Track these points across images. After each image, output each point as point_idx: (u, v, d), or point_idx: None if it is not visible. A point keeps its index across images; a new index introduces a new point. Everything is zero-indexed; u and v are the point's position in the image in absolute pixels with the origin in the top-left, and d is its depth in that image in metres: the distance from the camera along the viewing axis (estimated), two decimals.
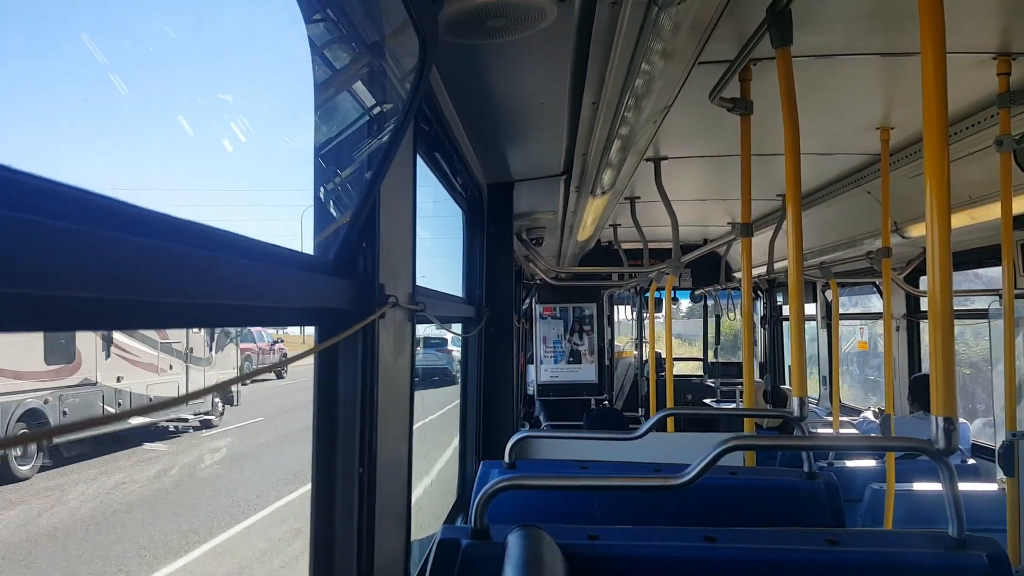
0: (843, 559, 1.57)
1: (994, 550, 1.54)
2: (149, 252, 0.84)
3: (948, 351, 1.67)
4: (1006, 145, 3.05)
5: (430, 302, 2.12)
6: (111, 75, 7.77)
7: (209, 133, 9.27)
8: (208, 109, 11.51)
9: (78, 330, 0.75)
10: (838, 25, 2.63)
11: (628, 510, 2.36)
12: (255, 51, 2.93)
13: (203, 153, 13.10)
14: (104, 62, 3.00)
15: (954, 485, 1.57)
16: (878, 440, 4.14)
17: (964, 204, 3.90)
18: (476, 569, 1.62)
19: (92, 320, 0.81)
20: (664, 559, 1.60)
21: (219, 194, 25.17)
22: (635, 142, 3.11)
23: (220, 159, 21.37)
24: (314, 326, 1.46)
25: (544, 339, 9.91)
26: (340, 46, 1.70)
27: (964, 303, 6.07)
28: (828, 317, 7.59)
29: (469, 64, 2.21)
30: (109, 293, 0.77)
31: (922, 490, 3.98)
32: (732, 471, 2.48)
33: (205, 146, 8.94)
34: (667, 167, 4.59)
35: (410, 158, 1.91)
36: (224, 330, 18.38)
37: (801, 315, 2.56)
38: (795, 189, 2.42)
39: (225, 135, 2.84)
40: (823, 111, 3.60)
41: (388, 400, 1.68)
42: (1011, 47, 2.82)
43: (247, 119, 2.67)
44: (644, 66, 2.24)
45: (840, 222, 5.67)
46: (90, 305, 0.77)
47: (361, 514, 1.54)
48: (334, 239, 1.54)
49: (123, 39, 2.98)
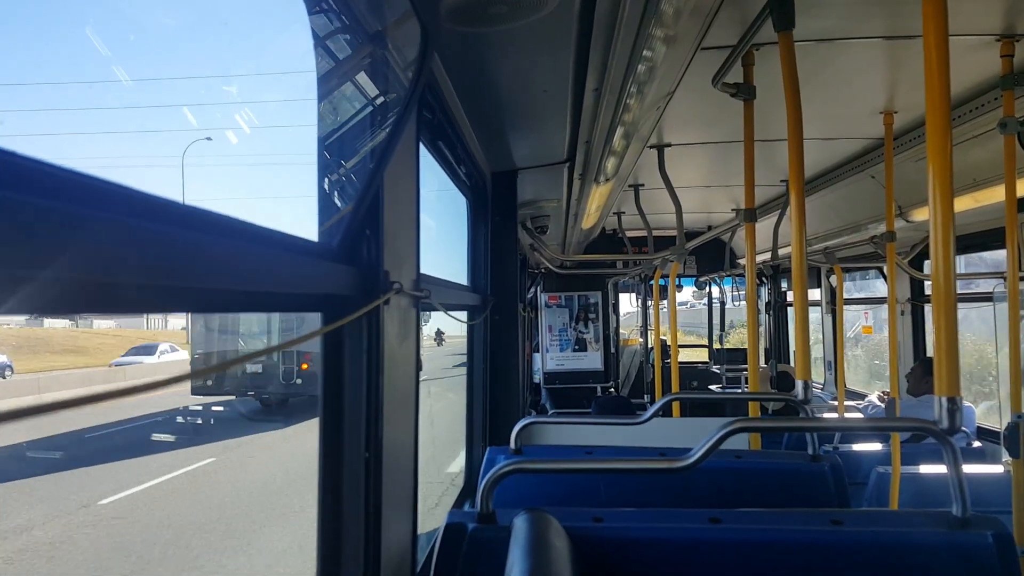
0: (848, 539, 1.58)
1: (999, 529, 1.56)
2: (155, 236, 0.85)
3: (951, 333, 1.68)
4: (1010, 127, 3.04)
5: (435, 289, 2.13)
6: (114, 67, 7.79)
7: (214, 123, 9.34)
8: (213, 100, 11.58)
9: (87, 312, 0.78)
10: (840, 9, 2.62)
11: (634, 494, 2.37)
12: (259, 41, 2.91)
13: (208, 144, 13.19)
14: (107, 54, 2.96)
15: (958, 464, 1.58)
16: (881, 422, 4.16)
17: (968, 187, 3.89)
18: (483, 552, 1.64)
19: (100, 303, 0.82)
20: (669, 540, 1.62)
21: (224, 182, 25.22)
22: (638, 129, 3.11)
23: (225, 149, 21.35)
24: (319, 312, 1.48)
25: (550, 327, 9.93)
26: (342, 35, 1.71)
27: (969, 287, 6.07)
28: (833, 302, 7.59)
29: (471, 52, 2.22)
30: (116, 276, 0.79)
31: (928, 473, 3.99)
32: (737, 454, 2.50)
33: (210, 136, 9.00)
34: (671, 154, 4.59)
35: (413, 146, 1.92)
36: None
37: (805, 300, 2.57)
38: (798, 174, 2.43)
39: (229, 124, 2.82)
40: (826, 96, 3.60)
41: (394, 386, 1.69)
42: (1015, 28, 2.81)
43: (251, 109, 2.65)
44: (646, 52, 2.24)
45: (844, 207, 5.66)
46: (97, 288, 0.78)
47: (368, 499, 1.56)
48: (338, 227, 1.55)
49: (127, 33, 2.96)
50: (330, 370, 1.56)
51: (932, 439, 1.69)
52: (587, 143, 3.51)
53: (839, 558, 1.57)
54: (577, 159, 3.80)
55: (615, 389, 10.17)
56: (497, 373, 3.96)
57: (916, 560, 1.54)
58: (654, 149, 4.48)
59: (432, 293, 2.02)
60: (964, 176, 3.86)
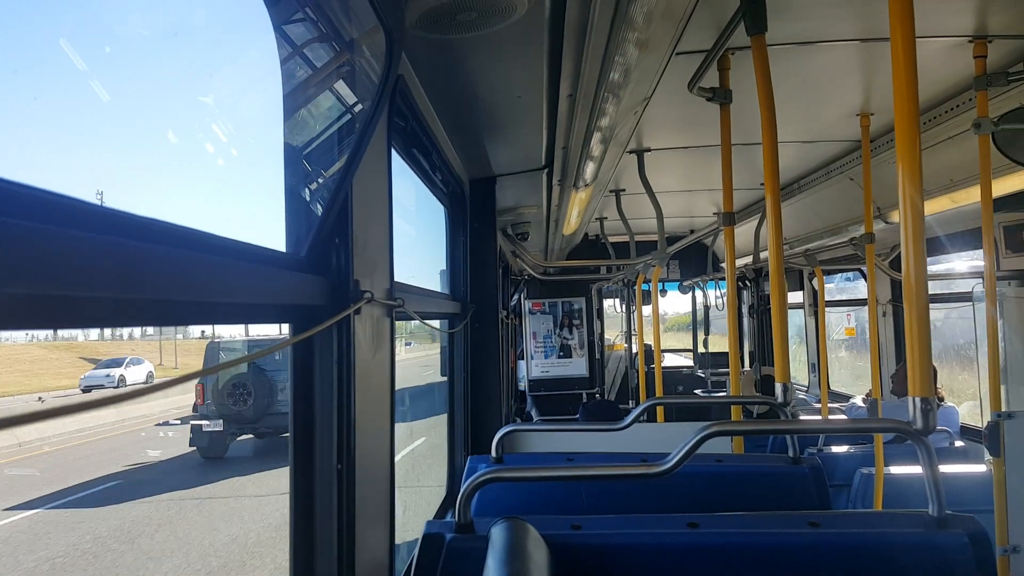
0: (824, 541, 1.58)
1: (974, 528, 1.55)
2: (119, 250, 0.84)
3: (924, 334, 1.68)
4: (984, 127, 3.06)
5: (410, 298, 2.11)
6: (87, 79, 7.71)
7: (179, 130, 9.18)
8: (180, 109, 11.42)
9: (49, 328, 0.76)
10: (813, 11, 2.63)
11: (615, 501, 2.36)
12: (224, 47, 2.82)
13: (173, 152, 13.01)
14: (83, 68, 2.89)
15: (933, 464, 1.58)
16: (858, 423, 4.17)
17: (945, 188, 3.91)
18: (460, 562, 1.62)
19: (64, 318, 0.80)
20: (647, 546, 1.60)
21: (188, 192, 25.03)
22: (616, 134, 3.11)
23: (189, 157, 20.95)
24: (288, 323, 1.46)
25: (534, 334, 9.91)
26: (312, 44, 1.69)
27: (949, 287, 6.11)
28: (815, 305, 7.62)
29: (443, 58, 2.21)
30: (81, 291, 0.77)
31: (911, 473, 4.00)
32: (718, 459, 2.49)
33: (174, 144, 8.92)
34: (650, 159, 4.59)
35: (384, 152, 1.90)
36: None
37: (783, 302, 2.57)
38: (774, 177, 2.43)
39: (194, 134, 2.77)
40: (803, 99, 3.61)
41: (367, 397, 1.67)
42: (987, 30, 2.83)
43: (217, 119, 2.60)
44: (619, 57, 2.23)
45: (824, 210, 5.69)
46: (62, 303, 0.76)
47: (341, 511, 1.53)
48: (306, 236, 1.53)
49: (102, 42, 2.90)
50: (300, 381, 1.54)
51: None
52: (564, 149, 3.51)
53: (816, 560, 1.56)
54: (555, 165, 3.79)
55: (601, 395, 10.16)
56: (479, 381, 3.94)
57: (892, 560, 1.54)
58: (634, 154, 4.49)
59: (407, 302, 2.00)
60: (941, 177, 3.89)
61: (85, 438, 17.15)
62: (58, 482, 13.11)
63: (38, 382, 25.79)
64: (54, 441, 16.59)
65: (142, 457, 15.67)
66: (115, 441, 17.31)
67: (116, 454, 15.67)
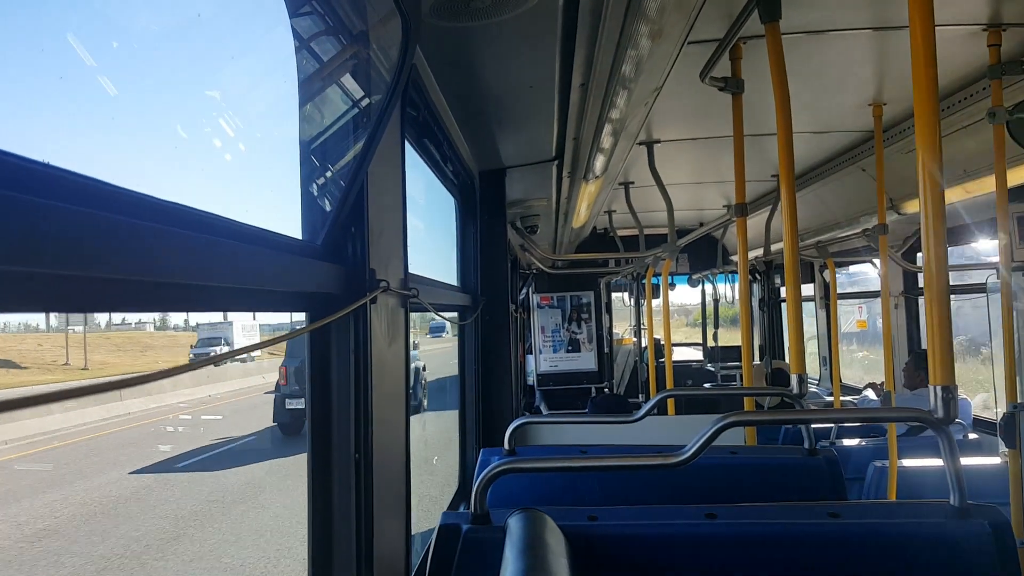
0: (845, 531, 1.56)
1: (996, 518, 1.54)
2: (138, 233, 0.83)
3: (945, 323, 1.67)
4: (999, 117, 3.03)
5: (424, 289, 2.11)
6: (98, 75, 7.75)
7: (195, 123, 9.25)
8: (195, 101, 11.44)
9: (65, 311, 0.75)
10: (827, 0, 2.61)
11: (629, 492, 2.35)
12: (240, 38, 2.85)
13: (191, 143, 13.03)
14: (92, 64, 2.93)
15: (954, 454, 1.57)
16: (876, 411, 4.14)
17: (959, 178, 3.88)
18: (477, 553, 1.62)
19: (80, 301, 0.80)
20: (665, 536, 1.60)
21: (205, 181, 25.22)
22: (626, 125, 3.09)
23: (207, 148, 20.99)
24: (304, 311, 1.45)
25: (542, 329, 9.89)
26: (326, 35, 1.68)
27: (963, 278, 6.07)
28: (827, 297, 7.58)
29: (456, 47, 2.20)
30: (98, 273, 0.76)
31: (925, 466, 3.98)
32: (733, 450, 2.48)
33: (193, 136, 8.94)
34: (660, 150, 4.57)
35: (398, 142, 1.90)
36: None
37: (798, 294, 2.55)
38: (788, 168, 2.41)
39: (211, 125, 2.78)
40: (815, 88, 3.59)
41: (383, 386, 1.67)
42: (1001, 18, 2.80)
43: (234, 110, 2.63)
44: (631, 47, 2.22)
45: (836, 201, 5.66)
46: (78, 285, 0.76)
47: (359, 500, 1.53)
48: (322, 225, 1.53)
49: (110, 38, 2.92)
50: (317, 370, 1.53)
51: (929, 432, 1.67)
52: (575, 140, 3.49)
53: (837, 551, 1.55)
54: (565, 157, 3.78)
55: (610, 389, 10.13)
56: (489, 374, 3.94)
57: (914, 550, 1.53)
58: (643, 146, 4.46)
59: (421, 292, 1.99)
60: (955, 167, 3.86)
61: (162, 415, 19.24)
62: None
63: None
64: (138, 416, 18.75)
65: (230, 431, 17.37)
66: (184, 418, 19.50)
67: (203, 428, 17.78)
